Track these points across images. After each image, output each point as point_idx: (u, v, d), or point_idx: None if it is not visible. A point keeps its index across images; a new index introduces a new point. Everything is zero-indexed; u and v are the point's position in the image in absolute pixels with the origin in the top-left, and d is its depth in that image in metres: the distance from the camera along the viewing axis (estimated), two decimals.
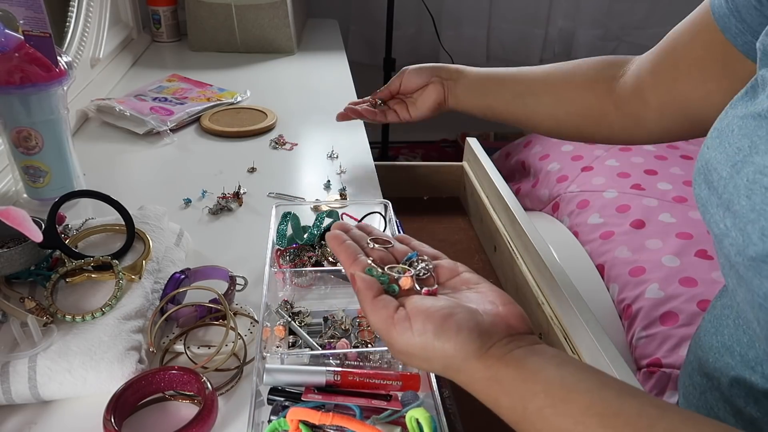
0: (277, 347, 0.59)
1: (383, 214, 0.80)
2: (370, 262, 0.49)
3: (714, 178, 0.42)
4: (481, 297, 0.46)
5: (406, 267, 0.49)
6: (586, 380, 0.39)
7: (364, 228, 0.55)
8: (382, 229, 0.77)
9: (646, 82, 0.68)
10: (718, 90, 0.58)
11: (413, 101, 0.94)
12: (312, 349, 0.59)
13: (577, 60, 0.81)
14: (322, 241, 0.73)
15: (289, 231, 0.74)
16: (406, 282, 0.47)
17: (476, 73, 0.88)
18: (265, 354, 0.56)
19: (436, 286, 0.48)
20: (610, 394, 0.38)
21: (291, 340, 0.60)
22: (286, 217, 0.74)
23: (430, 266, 0.49)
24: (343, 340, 0.60)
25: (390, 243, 0.52)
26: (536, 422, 0.39)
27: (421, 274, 0.48)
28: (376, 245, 0.52)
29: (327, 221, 0.75)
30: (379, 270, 0.48)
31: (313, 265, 0.70)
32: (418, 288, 0.47)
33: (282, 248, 0.72)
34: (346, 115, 0.97)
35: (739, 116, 0.42)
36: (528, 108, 0.82)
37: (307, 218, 0.78)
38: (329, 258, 0.71)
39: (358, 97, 1.29)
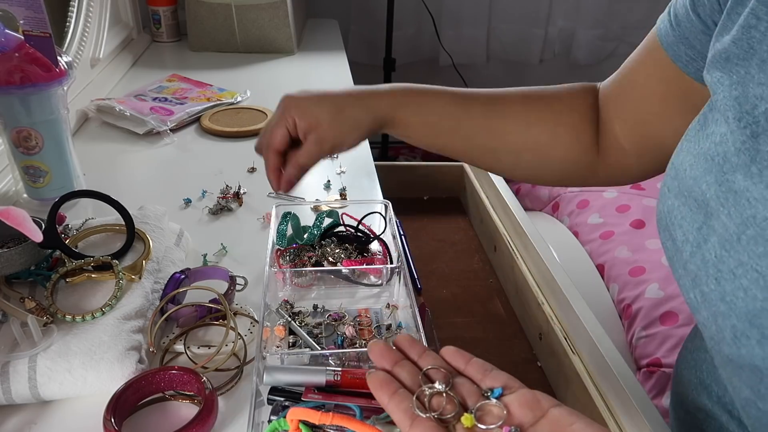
0: (277, 347, 0.59)
1: (383, 214, 0.80)
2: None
3: (678, 236, 0.39)
4: None
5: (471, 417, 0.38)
6: None
7: (406, 350, 0.43)
8: (381, 228, 0.76)
9: (617, 129, 0.61)
10: (685, 124, 0.50)
11: None
12: (312, 349, 0.59)
13: (553, 91, 0.65)
14: (322, 241, 0.73)
15: (290, 231, 0.74)
16: None
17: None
18: (265, 354, 0.56)
19: None
20: None
21: (291, 340, 0.60)
22: (286, 217, 0.74)
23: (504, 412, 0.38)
24: (349, 327, 0.61)
25: (449, 379, 0.40)
26: None
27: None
28: (434, 386, 0.40)
29: (327, 221, 0.75)
30: None
31: (313, 265, 0.70)
32: None
33: (282, 248, 0.72)
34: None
35: (692, 153, 0.40)
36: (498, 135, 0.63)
37: (308, 218, 0.78)
38: (329, 258, 0.71)
39: None
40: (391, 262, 0.72)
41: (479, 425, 0.37)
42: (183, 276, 0.66)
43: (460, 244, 1.19)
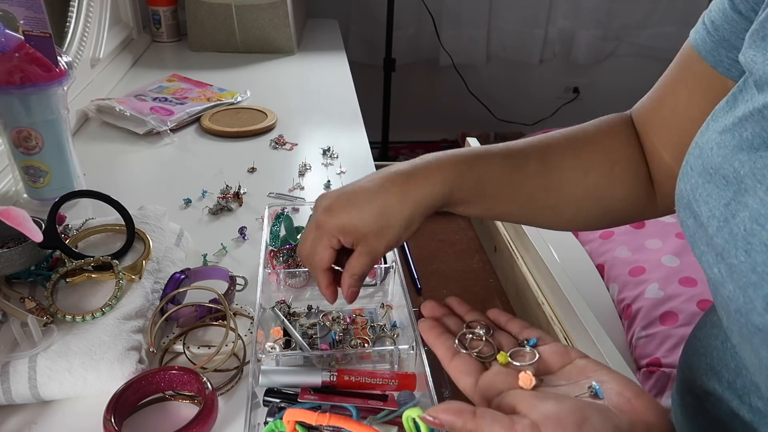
0: (272, 348, 0.59)
1: None
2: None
3: (702, 213, 0.40)
4: (606, 389, 0.40)
5: (509, 358, 0.44)
6: None
7: (455, 308, 0.52)
8: None
9: (667, 158, 0.57)
10: None
11: None
12: (306, 350, 0.59)
13: (597, 129, 0.61)
14: None
15: (283, 232, 0.74)
16: (526, 381, 0.41)
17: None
18: (260, 356, 0.56)
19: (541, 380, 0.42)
20: None
21: (284, 341, 0.60)
22: (279, 218, 0.74)
23: (536, 357, 0.44)
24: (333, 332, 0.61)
25: (489, 329, 0.48)
26: None
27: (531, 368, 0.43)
28: (475, 332, 0.47)
29: None
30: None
31: None
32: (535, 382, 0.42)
33: (275, 249, 0.72)
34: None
35: (718, 131, 0.40)
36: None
37: (302, 219, 0.78)
38: None
39: (358, 98, 1.29)
40: (385, 262, 0.72)
41: (513, 362, 0.44)
42: (183, 276, 0.66)
43: (460, 244, 1.19)
